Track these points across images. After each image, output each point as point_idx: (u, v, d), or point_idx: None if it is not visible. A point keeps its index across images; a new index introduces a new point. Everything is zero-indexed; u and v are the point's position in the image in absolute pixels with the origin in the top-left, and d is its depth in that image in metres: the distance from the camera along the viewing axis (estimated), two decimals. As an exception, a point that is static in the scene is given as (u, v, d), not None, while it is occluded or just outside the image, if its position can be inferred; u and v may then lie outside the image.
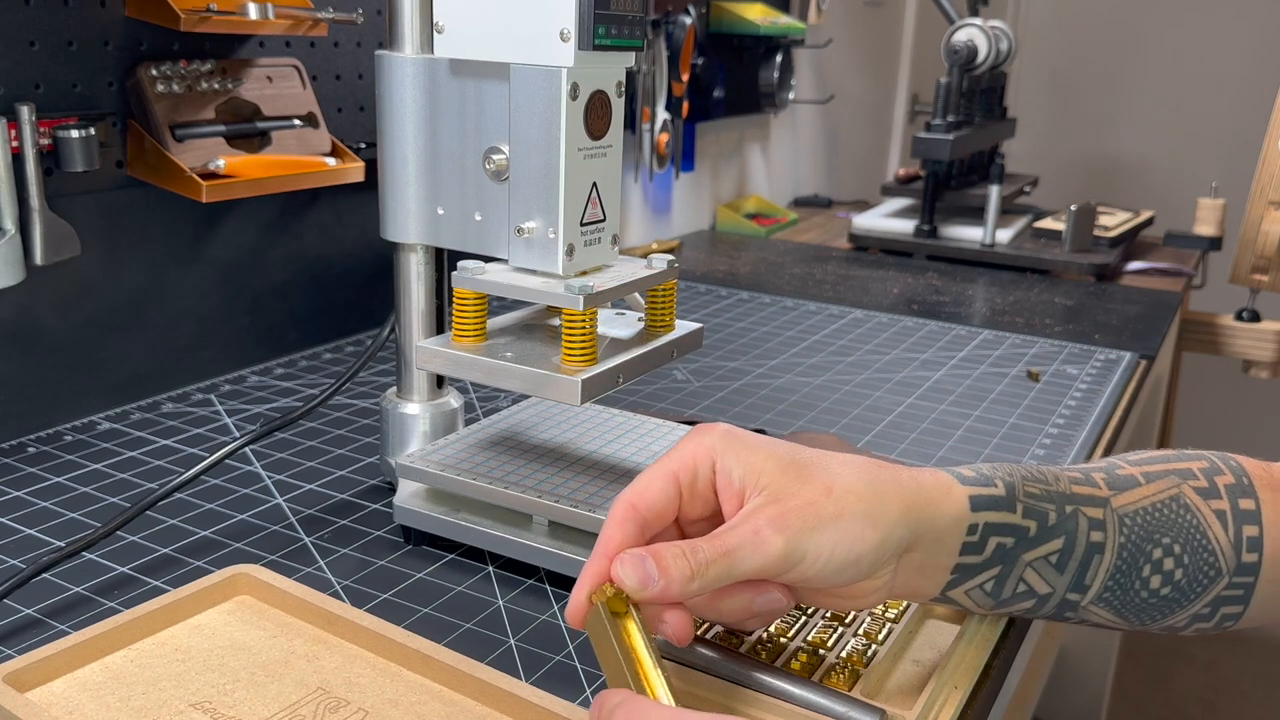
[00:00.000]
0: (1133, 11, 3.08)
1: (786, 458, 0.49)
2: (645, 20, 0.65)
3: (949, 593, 0.52)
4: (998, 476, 0.52)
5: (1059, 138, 3.15)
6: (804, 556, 0.46)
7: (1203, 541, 0.53)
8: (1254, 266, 1.54)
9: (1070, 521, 0.51)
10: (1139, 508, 0.53)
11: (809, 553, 0.46)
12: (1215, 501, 0.53)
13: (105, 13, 0.87)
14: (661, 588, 0.45)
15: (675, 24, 1.55)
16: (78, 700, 0.52)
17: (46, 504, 0.76)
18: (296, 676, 0.55)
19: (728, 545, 0.46)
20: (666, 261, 0.69)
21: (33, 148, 0.81)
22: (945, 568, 0.50)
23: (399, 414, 0.76)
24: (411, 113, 0.69)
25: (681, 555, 0.45)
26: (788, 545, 0.46)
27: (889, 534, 0.47)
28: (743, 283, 1.49)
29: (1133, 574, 0.52)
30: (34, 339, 0.88)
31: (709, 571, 0.45)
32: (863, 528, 0.47)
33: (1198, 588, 0.53)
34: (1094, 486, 0.53)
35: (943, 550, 0.50)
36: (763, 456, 0.48)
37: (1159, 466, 0.55)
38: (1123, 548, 0.52)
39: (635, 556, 0.46)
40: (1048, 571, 0.52)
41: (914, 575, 0.50)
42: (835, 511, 0.46)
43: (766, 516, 0.46)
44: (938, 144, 1.63)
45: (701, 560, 0.45)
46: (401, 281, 0.74)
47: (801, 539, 0.46)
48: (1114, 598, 0.53)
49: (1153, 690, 2.32)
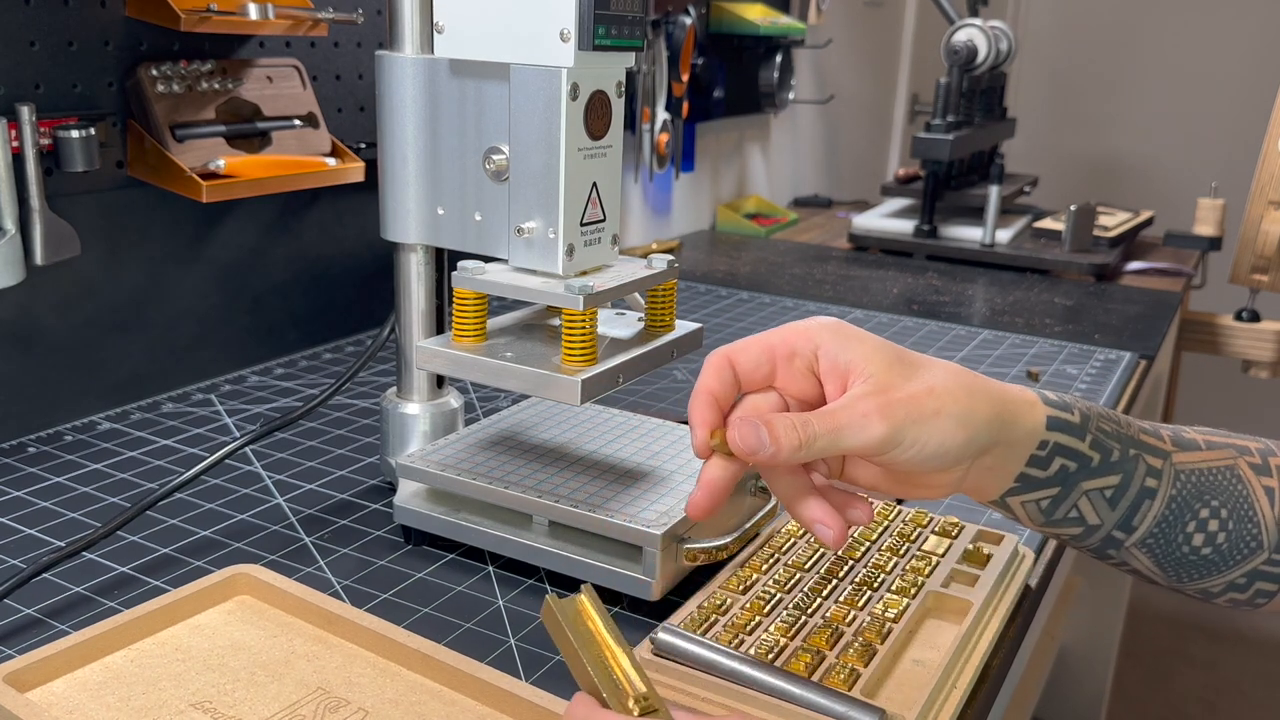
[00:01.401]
0: (1133, 12, 3.08)
1: (894, 353, 0.52)
2: (645, 20, 0.65)
3: (1008, 499, 0.54)
4: (1077, 406, 0.54)
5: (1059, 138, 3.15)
6: (900, 444, 0.49)
7: (1249, 512, 0.55)
8: (1254, 266, 1.55)
9: (1131, 463, 0.54)
10: (1195, 467, 0.55)
11: (905, 441, 0.49)
12: (1266, 479, 0.56)
13: (105, 13, 0.87)
14: (771, 453, 0.49)
15: (675, 24, 1.55)
16: (78, 700, 0.52)
17: (47, 504, 0.76)
18: (297, 676, 0.55)
19: (836, 422, 0.49)
20: (666, 261, 0.69)
21: (33, 148, 0.81)
22: (1010, 474, 0.53)
23: (399, 414, 0.76)
24: (412, 113, 0.69)
25: (793, 427, 0.49)
26: (890, 432, 0.49)
27: (976, 435, 0.50)
28: (743, 283, 1.49)
29: (1178, 526, 0.54)
30: (34, 339, 0.88)
31: (816, 443, 0.49)
32: (955, 426, 0.50)
33: (1237, 555, 0.55)
34: (1159, 439, 0.56)
35: (1013, 458, 0.52)
36: (871, 347, 0.51)
37: (1220, 438, 0.57)
38: (1173, 499, 0.54)
39: (750, 423, 0.49)
40: (1100, 504, 0.54)
41: (983, 474, 0.53)
42: (935, 409, 0.50)
43: (875, 403, 0.49)
44: (937, 144, 1.63)
45: (810, 433, 0.48)
46: (401, 281, 0.74)
47: (903, 429, 0.49)
48: (1157, 545, 0.55)
49: (1152, 690, 2.32)
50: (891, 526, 0.70)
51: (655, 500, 0.66)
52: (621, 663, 0.45)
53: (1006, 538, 0.69)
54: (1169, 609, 2.60)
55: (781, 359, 0.53)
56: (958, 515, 0.75)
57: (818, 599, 0.61)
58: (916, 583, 0.63)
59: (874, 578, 0.64)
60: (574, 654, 0.45)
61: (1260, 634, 2.54)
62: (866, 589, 0.62)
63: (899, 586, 0.63)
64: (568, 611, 0.45)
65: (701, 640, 0.55)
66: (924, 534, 0.69)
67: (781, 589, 0.62)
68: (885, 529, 0.70)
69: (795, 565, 0.65)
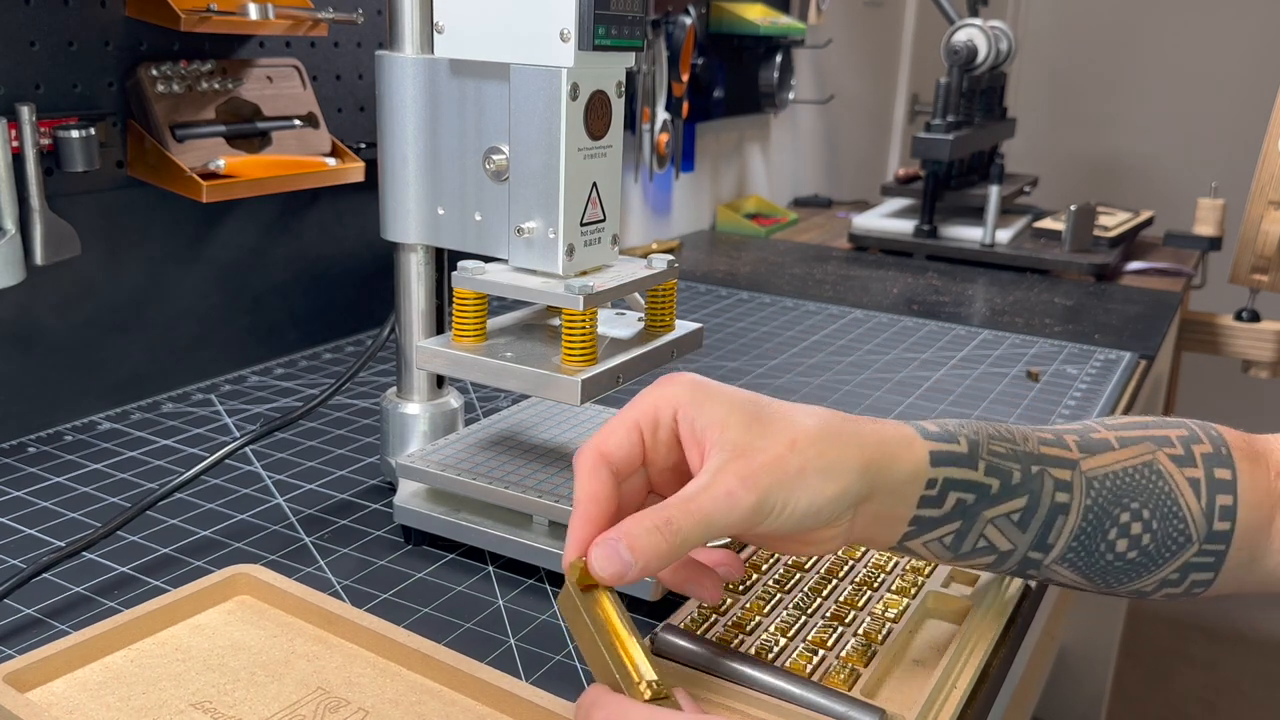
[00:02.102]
0: (1133, 11, 3.08)
1: (750, 410, 0.49)
2: (645, 20, 0.65)
3: (907, 543, 0.52)
4: (962, 433, 0.52)
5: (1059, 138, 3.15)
6: (769, 512, 0.47)
7: (1173, 508, 0.53)
8: (1254, 266, 1.55)
9: (1035, 481, 0.52)
10: (1109, 471, 0.53)
11: (774, 507, 0.47)
12: (1190, 469, 0.54)
13: (105, 13, 0.87)
14: (639, 569, 0.45)
15: (675, 24, 1.55)
16: (78, 700, 0.52)
17: (47, 504, 0.76)
18: (297, 676, 0.55)
19: (703, 510, 0.46)
20: (666, 261, 0.69)
21: (33, 148, 0.81)
22: (903, 519, 0.51)
23: (399, 414, 0.76)
24: (412, 113, 0.69)
25: (654, 529, 0.45)
26: (758, 502, 0.46)
27: (848, 487, 0.48)
28: (743, 283, 1.49)
29: (1098, 536, 0.53)
30: (34, 339, 0.88)
31: (685, 541, 0.46)
32: (822, 481, 0.47)
33: (1166, 554, 0.53)
34: (1064, 448, 0.53)
35: (900, 502, 0.50)
36: (726, 409, 0.49)
37: (1135, 432, 0.55)
38: (1089, 510, 0.52)
39: (608, 544, 0.46)
40: (1009, 529, 0.52)
41: (870, 524, 0.51)
42: (799, 466, 0.47)
43: (737, 475, 0.46)
44: (937, 144, 1.63)
45: (676, 532, 0.45)
46: (401, 281, 0.74)
47: (770, 495, 0.46)
48: (1078, 559, 0.53)
49: (1153, 690, 2.32)
50: (891, 526, 0.70)
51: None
52: (633, 651, 0.45)
53: (1006, 538, 0.69)
54: (1169, 609, 2.60)
55: (648, 433, 0.50)
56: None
57: (817, 599, 0.61)
58: (916, 582, 0.63)
59: (874, 577, 0.64)
60: (589, 638, 0.45)
61: (1260, 634, 2.54)
62: (866, 589, 0.62)
63: (899, 586, 0.63)
64: (584, 598, 0.46)
65: (701, 640, 0.55)
66: (924, 534, 0.69)
67: (781, 589, 0.62)
68: (885, 529, 0.70)
69: (795, 565, 0.65)
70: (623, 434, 0.50)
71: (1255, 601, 2.66)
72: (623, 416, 0.50)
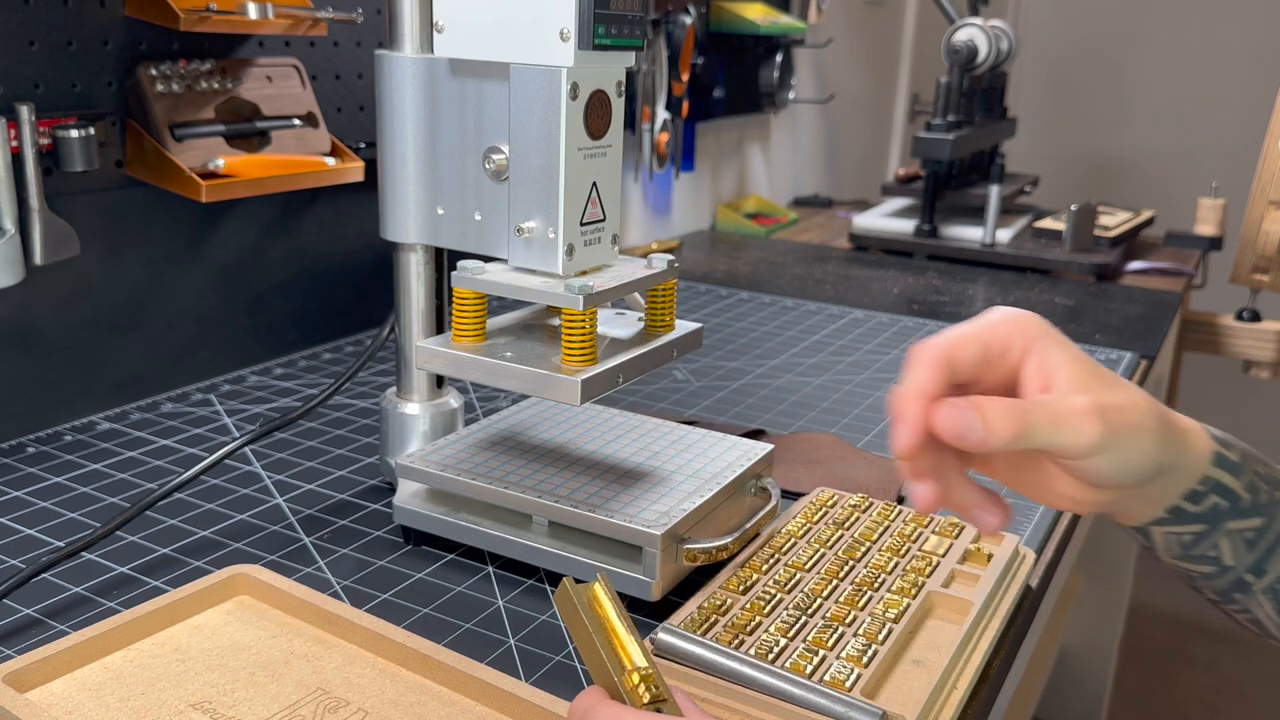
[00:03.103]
0: (1133, 11, 3.08)
1: (1093, 364, 0.50)
2: (645, 20, 0.65)
3: (1152, 528, 0.53)
4: (1236, 445, 0.53)
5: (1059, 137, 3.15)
6: (1105, 450, 0.47)
7: None
8: (1254, 266, 1.54)
9: (1277, 506, 0.53)
10: None
11: (1110, 449, 0.47)
12: None
13: (105, 12, 0.87)
14: (980, 437, 0.45)
15: (675, 23, 1.54)
16: (77, 700, 0.52)
17: (46, 504, 0.76)
18: (296, 677, 0.55)
19: (1058, 416, 0.46)
20: (666, 261, 0.69)
21: (32, 147, 0.81)
22: (1164, 505, 0.52)
23: (399, 414, 0.76)
24: (411, 112, 0.69)
25: (1009, 412, 0.45)
26: (1102, 437, 0.46)
27: (1161, 458, 0.49)
28: (743, 283, 1.48)
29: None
30: (33, 339, 0.87)
31: (1035, 435, 0.46)
32: (1151, 444, 0.48)
33: None
34: None
35: (1173, 488, 0.51)
36: (1074, 356, 0.49)
37: None
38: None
39: (959, 407, 0.46)
40: (1239, 546, 0.53)
41: (1138, 499, 0.51)
42: (1138, 423, 0.48)
43: (1094, 404, 0.47)
44: (938, 144, 1.63)
45: (1028, 423, 0.46)
46: (401, 281, 0.74)
47: (1114, 436, 0.47)
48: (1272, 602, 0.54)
49: (1154, 691, 2.32)
50: (892, 526, 0.70)
51: (655, 500, 0.66)
52: (632, 651, 0.45)
53: (1007, 538, 0.68)
54: (1170, 610, 2.60)
55: (995, 354, 0.49)
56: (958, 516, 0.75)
57: (818, 599, 0.61)
58: (917, 583, 0.63)
59: (874, 578, 0.64)
60: (586, 638, 0.45)
61: (1261, 634, 2.54)
62: (867, 589, 0.62)
63: (899, 587, 0.62)
64: (582, 597, 0.46)
65: (702, 640, 0.55)
66: (925, 534, 0.69)
67: (782, 589, 0.62)
68: (886, 529, 0.70)
69: (795, 565, 0.65)
70: (975, 345, 0.49)
71: (1256, 601, 2.65)
72: (977, 329, 0.50)
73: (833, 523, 0.70)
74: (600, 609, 0.46)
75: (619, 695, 0.44)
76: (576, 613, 0.45)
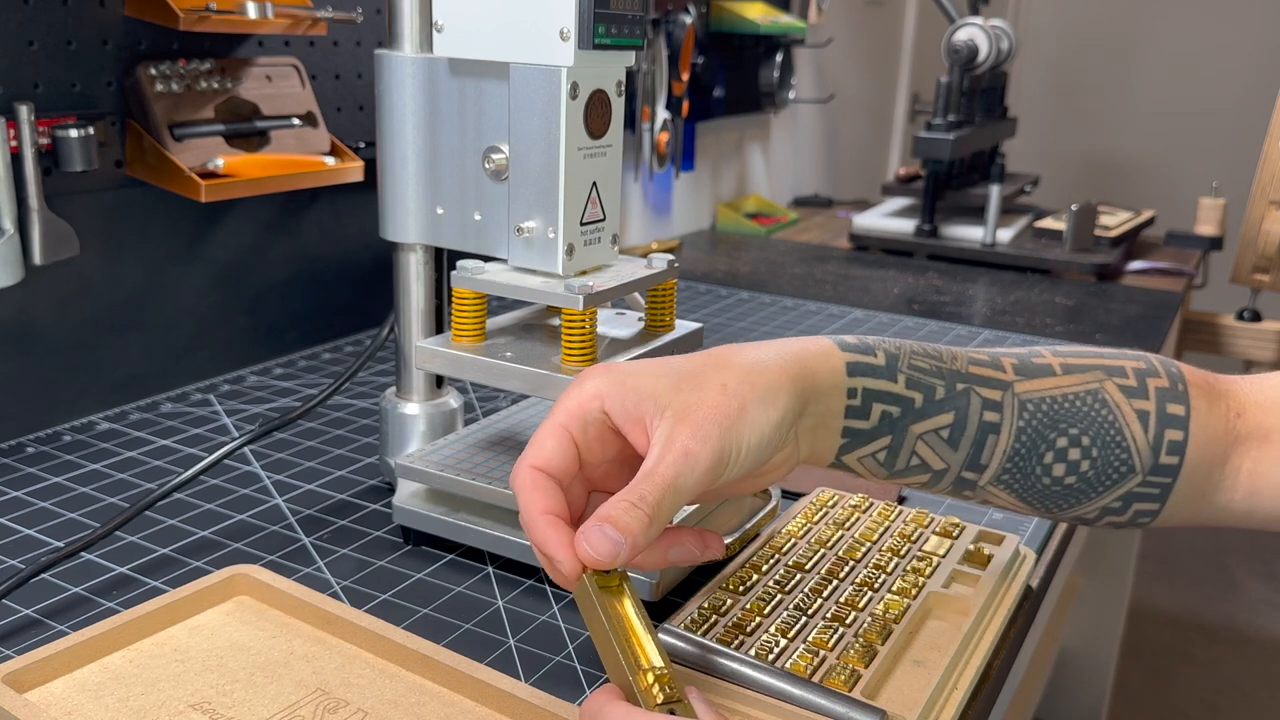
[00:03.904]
0: (1134, 10, 3.08)
1: (674, 373, 0.49)
2: (645, 19, 0.65)
3: (844, 458, 0.53)
4: (880, 348, 0.53)
5: (1059, 137, 3.15)
6: (728, 457, 0.47)
7: (1116, 438, 0.53)
8: (1255, 266, 1.54)
9: (960, 399, 0.52)
10: (1046, 395, 0.53)
11: (730, 452, 0.47)
12: (1139, 401, 0.54)
13: (104, 12, 0.87)
14: (630, 547, 0.45)
15: (675, 23, 1.54)
16: (76, 701, 0.52)
17: (45, 504, 0.76)
18: (295, 677, 0.55)
19: (667, 477, 0.46)
20: (666, 261, 0.69)
21: (31, 147, 0.81)
22: (835, 430, 0.52)
23: (398, 414, 0.76)
24: (411, 112, 0.69)
25: (632, 506, 0.45)
26: (717, 452, 0.47)
27: (786, 406, 0.49)
28: (743, 282, 1.48)
29: (1033, 460, 0.53)
30: (32, 339, 0.87)
31: (661, 510, 0.46)
32: (763, 410, 0.48)
33: (1107, 481, 0.54)
34: (997, 369, 0.54)
35: (829, 411, 0.51)
36: (651, 379, 0.49)
37: (1085, 360, 0.55)
38: (1021, 431, 0.53)
39: (595, 530, 0.45)
40: (940, 447, 0.52)
41: (810, 440, 0.51)
42: (739, 405, 0.48)
43: (686, 434, 0.47)
44: (938, 143, 1.63)
45: (652, 503, 0.45)
46: (401, 281, 0.74)
47: (724, 442, 0.47)
48: (1014, 481, 0.54)
49: (1154, 691, 2.32)
50: (892, 527, 0.70)
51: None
52: (648, 650, 0.45)
53: (1008, 538, 0.68)
54: (1171, 609, 2.60)
55: (578, 434, 0.49)
56: (959, 516, 0.75)
57: (818, 599, 0.61)
58: (917, 583, 0.63)
59: (875, 578, 0.64)
60: (603, 634, 0.45)
61: (1262, 634, 2.54)
62: (867, 589, 0.62)
63: (900, 587, 0.62)
64: (601, 593, 0.46)
65: (702, 641, 0.55)
66: (925, 534, 0.69)
67: (782, 589, 0.62)
68: (886, 529, 0.70)
69: (796, 566, 0.65)
70: (552, 443, 0.49)
71: (1257, 602, 2.66)
72: (549, 424, 0.49)
73: (833, 523, 0.70)
74: (619, 606, 0.46)
75: (632, 694, 0.44)
76: (595, 608, 0.45)
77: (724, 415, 0.47)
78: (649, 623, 0.46)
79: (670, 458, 0.46)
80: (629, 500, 0.46)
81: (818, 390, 0.50)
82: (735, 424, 0.47)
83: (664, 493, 0.46)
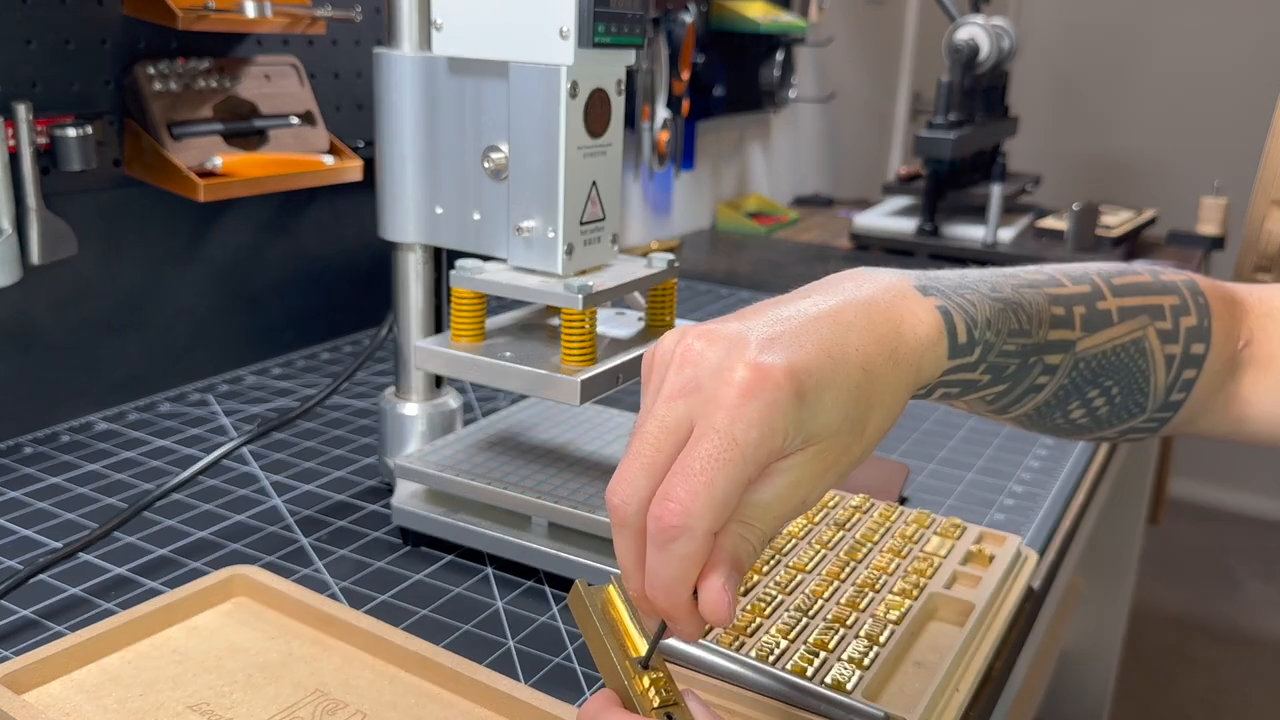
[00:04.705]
0: (1135, 9, 3.07)
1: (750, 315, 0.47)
2: (645, 18, 0.64)
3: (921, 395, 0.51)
4: (982, 338, 0.47)
5: (1061, 136, 3.15)
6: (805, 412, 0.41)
7: (1141, 384, 0.53)
8: (1257, 265, 1.54)
9: (1023, 374, 0.49)
10: (1099, 350, 0.52)
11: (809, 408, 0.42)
12: (1170, 346, 0.53)
13: (102, 11, 0.87)
14: (734, 598, 0.41)
15: (675, 22, 1.54)
16: (75, 702, 0.52)
17: (43, 505, 0.75)
18: (294, 678, 0.54)
19: None
20: (666, 261, 0.69)
21: (29, 146, 0.80)
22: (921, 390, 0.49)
23: (397, 414, 0.76)
24: (410, 111, 0.69)
25: (742, 539, 0.40)
26: (796, 410, 0.41)
27: (853, 400, 0.43)
28: (743, 282, 1.48)
29: (1059, 409, 0.52)
30: (31, 339, 0.87)
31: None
32: (840, 404, 0.42)
33: (1115, 420, 0.54)
34: (1069, 327, 0.51)
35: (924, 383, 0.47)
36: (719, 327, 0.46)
37: (1136, 301, 0.53)
38: (1061, 388, 0.51)
39: (716, 592, 0.40)
40: (978, 405, 0.51)
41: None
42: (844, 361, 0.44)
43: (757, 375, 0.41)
44: (939, 143, 1.62)
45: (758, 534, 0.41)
46: (400, 281, 0.74)
47: (811, 395, 0.41)
48: (1030, 421, 0.53)
49: (1155, 692, 2.32)
50: (893, 528, 0.70)
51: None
52: (644, 651, 0.45)
53: (1009, 539, 0.68)
54: (1172, 611, 2.60)
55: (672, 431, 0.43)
56: (960, 516, 0.74)
57: (819, 600, 0.61)
58: (919, 584, 0.62)
59: (876, 579, 0.63)
60: (598, 640, 0.45)
61: (1264, 635, 2.54)
62: (868, 590, 0.62)
63: (901, 588, 0.62)
64: (595, 599, 0.45)
65: (701, 642, 0.55)
66: (926, 535, 0.69)
67: (782, 590, 0.62)
68: (887, 530, 0.70)
69: (796, 567, 0.64)
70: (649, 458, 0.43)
71: (1259, 603, 2.65)
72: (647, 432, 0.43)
73: (834, 524, 0.70)
74: (614, 611, 0.46)
75: (629, 699, 0.44)
76: (589, 614, 0.45)
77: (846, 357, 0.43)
78: (643, 626, 0.46)
79: None
80: (739, 531, 0.40)
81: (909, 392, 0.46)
82: (844, 370, 0.42)
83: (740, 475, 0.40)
